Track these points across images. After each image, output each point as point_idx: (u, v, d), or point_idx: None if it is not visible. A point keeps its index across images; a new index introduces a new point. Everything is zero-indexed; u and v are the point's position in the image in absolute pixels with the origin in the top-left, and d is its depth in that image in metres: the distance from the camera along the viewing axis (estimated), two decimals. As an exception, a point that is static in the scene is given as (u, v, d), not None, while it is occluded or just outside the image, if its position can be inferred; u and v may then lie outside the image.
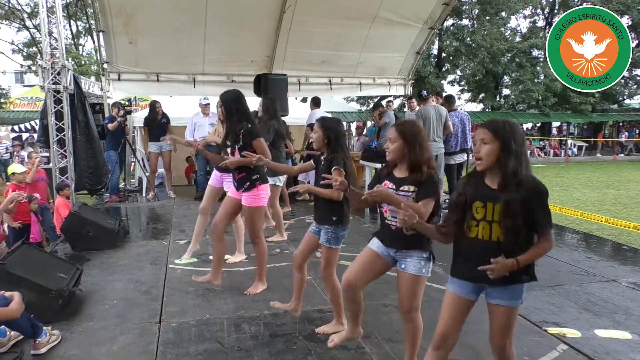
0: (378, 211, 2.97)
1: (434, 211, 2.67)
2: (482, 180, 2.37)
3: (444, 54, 30.25)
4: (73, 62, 18.41)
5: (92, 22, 18.93)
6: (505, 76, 31.09)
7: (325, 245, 3.47)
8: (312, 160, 3.66)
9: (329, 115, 11.55)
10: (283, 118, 9.62)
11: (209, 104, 8.84)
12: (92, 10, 9.94)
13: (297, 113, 10.84)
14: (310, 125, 9.40)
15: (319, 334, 3.58)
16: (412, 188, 2.70)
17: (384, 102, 11.33)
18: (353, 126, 29.10)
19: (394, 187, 2.77)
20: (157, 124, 9.36)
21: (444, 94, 9.20)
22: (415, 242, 2.73)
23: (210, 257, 5.47)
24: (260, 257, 4.49)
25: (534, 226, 2.27)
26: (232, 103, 4.29)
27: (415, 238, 2.70)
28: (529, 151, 29.21)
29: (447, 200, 8.50)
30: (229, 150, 4.33)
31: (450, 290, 2.49)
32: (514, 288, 2.34)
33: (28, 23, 27.80)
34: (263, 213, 4.60)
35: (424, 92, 8.32)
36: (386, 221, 2.84)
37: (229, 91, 4.41)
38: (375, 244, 2.94)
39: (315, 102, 9.51)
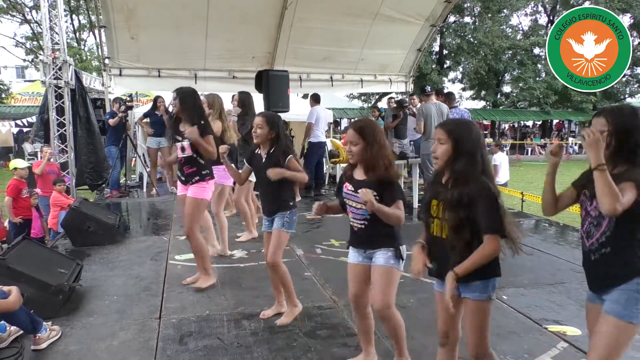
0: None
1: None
2: (440, 179, 2.41)
3: (445, 51, 30.22)
4: (74, 58, 18.45)
5: (94, 17, 18.90)
6: (506, 74, 31.07)
7: (280, 230, 3.55)
8: (246, 161, 3.81)
9: (330, 111, 11.59)
10: (284, 114, 9.66)
11: None
12: (93, 5, 9.93)
13: (298, 109, 10.83)
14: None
15: (263, 318, 3.77)
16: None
17: (385, 99, 11.32)
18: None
19: (353, 189, 2.76)
20: (157, 120, 9.33)
21: (445, 91, 9.19)
22: (379, 241, 2.77)
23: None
24: (199, 250, 4.49)
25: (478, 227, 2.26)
26: (190, 98, 4.36)
27: (380, 237, 2.76)
28: (529, 149, 29.42)
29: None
30: (179, 144, 4.38)
31: (435, 289, 2.52)
32: (477, 284, 2.32)
33: (30, 17, 27.79)
34: (205, 207, 4.61)
35: (428, 88, 8.32)
36: (351, 224, 2.89)
37: (187, 87, 4.50)
38: (351, 256, 2.96)
39: (315, 99, 9.50)
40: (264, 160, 3.58)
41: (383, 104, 25.66)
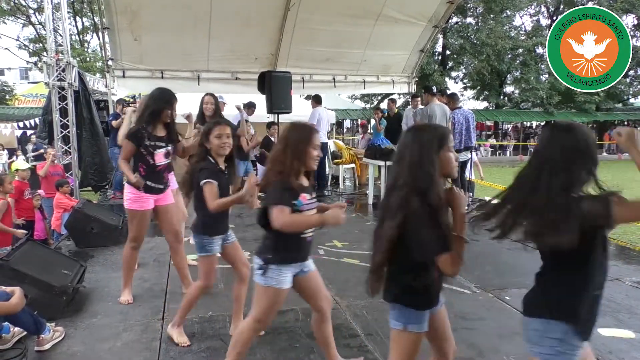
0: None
1: None
2: None
3: (448, 52, 30.20)
4: (78, 59, 18.49)
5: (97, 18, 18.93)
6: (509, 74, 31.03)
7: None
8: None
9: (332, 112, 11.57)
10: (287, 115, 9.68)
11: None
12: (97, 8, 9.95)
13: (301, 110, 10.84)
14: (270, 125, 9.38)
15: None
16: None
17: (385, 101, 11.30)
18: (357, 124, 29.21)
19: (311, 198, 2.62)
20: None
21: (448, 92, 9.17)
22: None
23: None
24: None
25: None
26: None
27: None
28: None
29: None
30: (162, 150, 4.05)
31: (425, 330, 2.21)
32: None
33: (33, 19, 27.89)
34: None
35: (434, 88, 8.27)
36: (301, 237, 2.61)
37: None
38: (287, 281, 2.62)
39: (317, 100, 9.52)
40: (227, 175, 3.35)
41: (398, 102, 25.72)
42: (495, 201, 2.06)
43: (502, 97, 32.24)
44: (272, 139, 9.16)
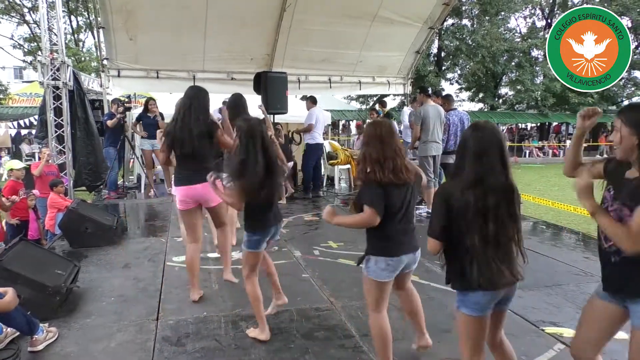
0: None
1: None
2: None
3: (443, 53, 30.27)
4: (73, 58, 18.43)
5: (93, 18, 18.87)
6: (504, 76, 31.14)
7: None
8: None
9: (327, 113, 11.59)
10: (283, 116, 9.66)
11: None
12: (92, 7, 9.91)
13: (297, 111, 10.84)
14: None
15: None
16: None
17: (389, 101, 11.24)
18: (353, 125, 29.21)
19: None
20: (150, 122, 9.32)
21: (443, 93, 9.15)
22: None
23: (209, 255, 5.50)
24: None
25: None
26: None
27: None
28: (527, 151, 29.49)
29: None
30: None
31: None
32: None
33: (28, 18, 27.78)
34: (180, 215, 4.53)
35: (430, 89, 8.25)
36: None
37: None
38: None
39: (313, 101, 9.53)
40: None
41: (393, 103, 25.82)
42: None
43: (497, 98, 32.34)
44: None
